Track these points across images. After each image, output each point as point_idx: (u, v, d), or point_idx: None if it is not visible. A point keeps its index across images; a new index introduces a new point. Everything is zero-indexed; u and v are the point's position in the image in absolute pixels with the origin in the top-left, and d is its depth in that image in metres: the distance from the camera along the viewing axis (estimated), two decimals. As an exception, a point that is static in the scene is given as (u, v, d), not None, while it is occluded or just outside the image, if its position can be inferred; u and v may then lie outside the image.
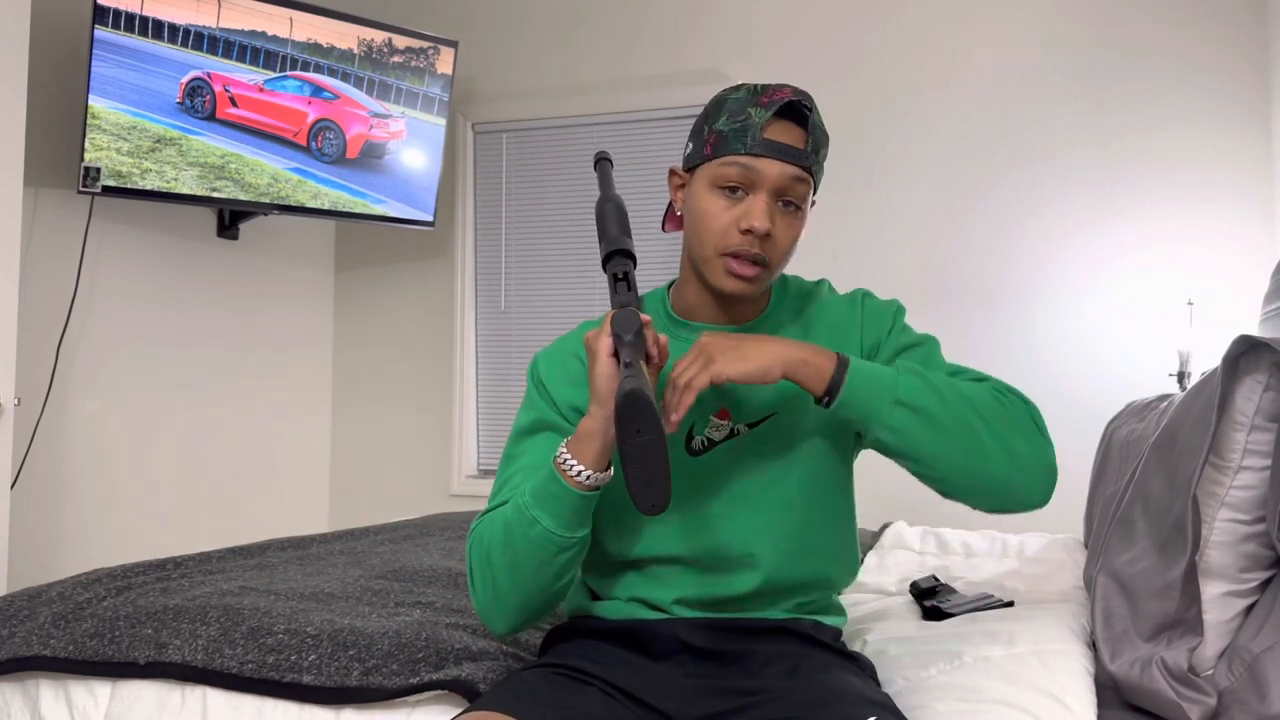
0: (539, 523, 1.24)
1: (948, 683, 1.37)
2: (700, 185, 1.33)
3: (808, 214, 1.35)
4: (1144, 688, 1.27)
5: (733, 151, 1.30)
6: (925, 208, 3.62)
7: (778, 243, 1.30)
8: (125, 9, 3.08)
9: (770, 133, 1.29)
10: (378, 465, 4.27)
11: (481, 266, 4.20)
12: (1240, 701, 1.22)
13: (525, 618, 1.33)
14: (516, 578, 1.28)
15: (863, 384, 1.22)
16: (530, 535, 1.25)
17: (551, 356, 1.44)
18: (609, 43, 4.02)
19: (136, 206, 3.41)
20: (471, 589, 1.34)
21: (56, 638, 1.60)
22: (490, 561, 1.30)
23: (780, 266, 1.33)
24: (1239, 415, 1.33)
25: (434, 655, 1.43)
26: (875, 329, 1.39)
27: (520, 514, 1.26)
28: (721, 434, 1.35)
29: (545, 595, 1.31)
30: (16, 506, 2.95)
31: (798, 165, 1.29)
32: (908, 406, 1.22)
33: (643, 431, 1.11)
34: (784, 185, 1.29)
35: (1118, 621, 1.42)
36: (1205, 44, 3.35)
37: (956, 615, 1.73)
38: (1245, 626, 1.32)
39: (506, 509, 1.30)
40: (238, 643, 1.51)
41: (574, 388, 1.40)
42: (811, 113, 1.31)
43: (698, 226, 1.33)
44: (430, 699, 1.40)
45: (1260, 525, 1.33)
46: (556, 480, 1.24)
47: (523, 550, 1.26)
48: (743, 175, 1.29)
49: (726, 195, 1.30)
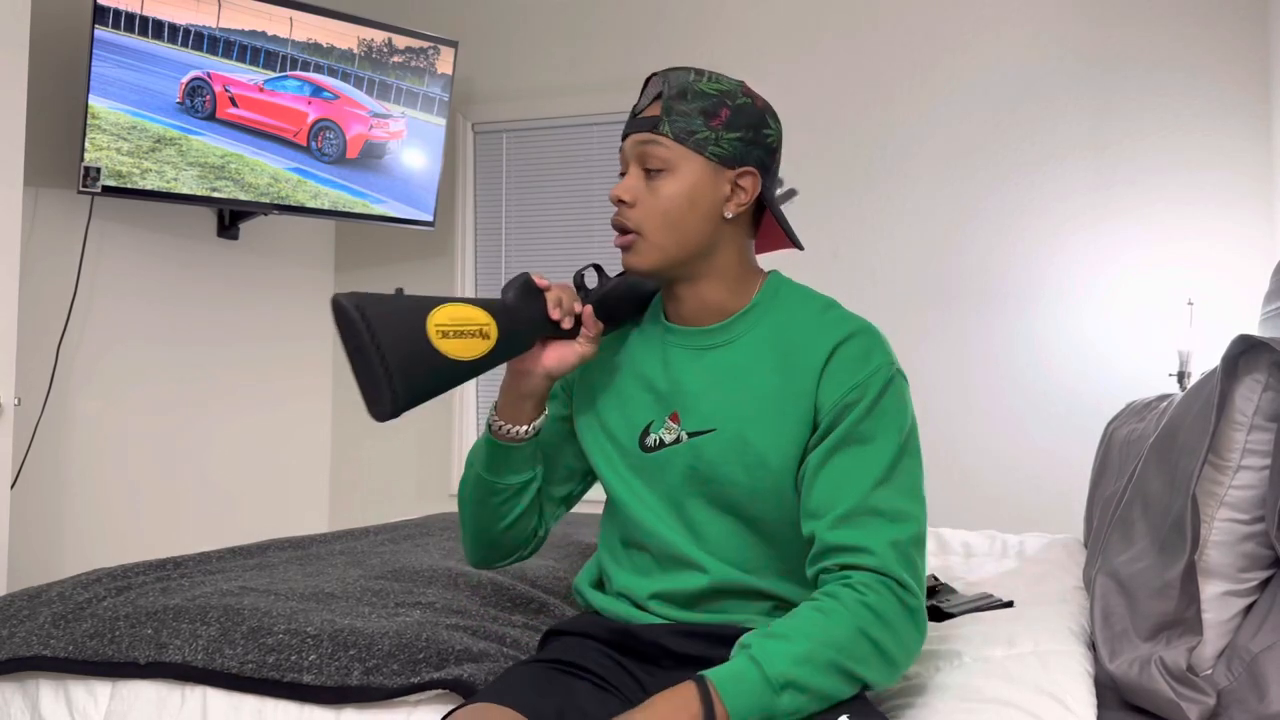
0: (472, 466, 1.42)
1: (947, 683, 1.37)
2: None
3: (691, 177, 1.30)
4: (1143, 687, 1.27)
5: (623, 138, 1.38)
6: (925, 208, 3.62)
7: (641, 209, 1.32)
8: (125, 9, 3.08)
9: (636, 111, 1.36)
10: (378, 465, 4.27)
11: (481, 266, 4.20)
12: (1239, 701, 1.22)
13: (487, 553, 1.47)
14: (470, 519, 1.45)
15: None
16: (469, 479, 1.43)
17: None
18: (609, 43, 4.02)
19: (136, 206, 3.42)
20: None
21: (56, 638, 1.60)
22: (461, 506, 1.47)
23: (660, 233, 1.31)
24: (1238, 415, 1.33)
25: (435, 656, 1.43)
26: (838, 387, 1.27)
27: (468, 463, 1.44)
28: (670, 437, 1.35)
29: (493, 533, 1.45)
30: (16, 506, 2.95)
31: (643, 131, 1.32)
32: (791, 709, 1.12)
33: (351, 340, 1.19)
34: (639, 154, 1.33)
35: (1117, 621, 1.41)
36: (1206, 45, 3.35)
37: (956, 615, 1.73)
38: (1244, 626, 1.32)
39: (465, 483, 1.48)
40: (238, 642, 1.51)
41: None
42: (665, 80, 1.33)
43: None
44: (431, 699, 1.40)
45: (1259, 525, 1.33)
46: (485, 433, 1.40)
47: (469, 494, 1.44)
48: (621, 158, 1.36)
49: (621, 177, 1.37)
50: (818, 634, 1.14)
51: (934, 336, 3.57)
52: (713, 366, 1.35)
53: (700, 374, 1.35)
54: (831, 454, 1.25)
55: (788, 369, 1.30)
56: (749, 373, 1.33)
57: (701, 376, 1.35)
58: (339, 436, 4.34)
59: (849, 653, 1.14)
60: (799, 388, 1.28)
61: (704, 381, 1.34)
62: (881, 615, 1.16)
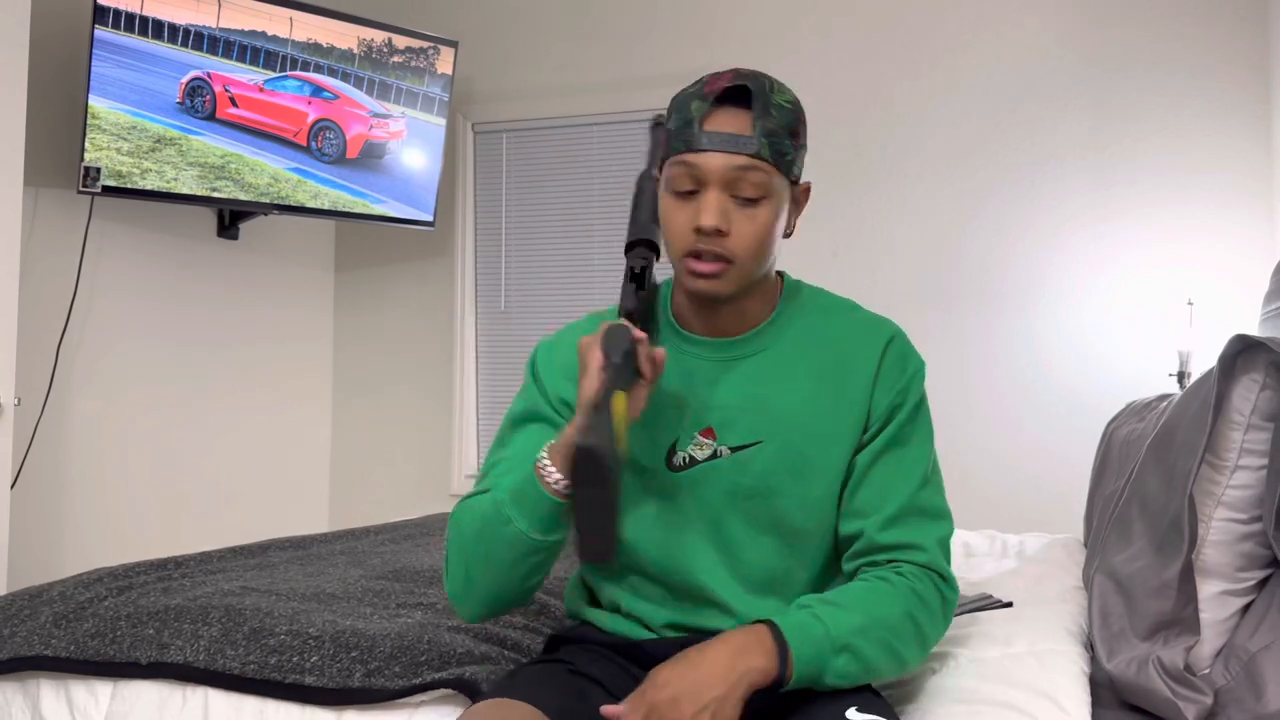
0: (513, 523, 1.23)
1: (942, 685, 1.37)
2: (662, 190, 1.28)
3: (781, 202, 1.25)
4: (1140, 687, 1.28)
5: (676, 151, 1.23)
6: (926, 209, 3.62)
7: (737, 238, 1.22)
8: (125, 9, 3.09)
9: (711, 123, 1.21)
10: (378, 465, 4.27)
11: (481, 266, 4.21)
12: (1237, 700, 1.22)
13: (493, 609, 1.32)
14: (488, 571, 1.27)
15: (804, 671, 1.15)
16: (504, 534, 1.24)
17: (551, 347, 1.40)
18: (609, 43, 4.02)
19: (136, 206, 3.42)
20: (445, 573, 1.33)
21: (58, 637, 1.60)
22: (464, 551, 1.29)
23: (752, 262, 1.24)
24: (1235, 414, 1.33)
25: (436, 658, 1.43)
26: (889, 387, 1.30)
27: (497, 511, 1.25)
28: (704, 453, 1.29)
29: (515, 591, 1.30)
30: (16, 506, 2.95)
31: (743, 154, 1.20)
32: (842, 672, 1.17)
33: (595, 486, 1.12)
34: (731, 178, 1.20)
35: (1114, 620, 1.42)
36: (1206, 44, 3.35)
37: (956, 616, 1.73)
38: (1242, 625, 1.32)
39: (485, 502, 1.28)
40: (239, 643, 1.51)
41: (568, 381, 1.35)
42: (756, 94, 1.22)
43: (665, 232, 1.27)
44: (433, 700, 1.40)
45: (1257, 524, 1.33)
46: (533, 483, 1.22)
47: (495, 547, 1.25)
48: (689, 174, 1.22)
49: (681, 199, 1.24)
50: (873, 610, 1.19)
51: (934, 336, 3.57)
52: (747, 377, 1.30)
53: (734, 386, 1.30)
54: (880, 455, 1.28)
55: (835, 375, 1.30)
56: (788, 380, 1.30)
57: (736, 388, 1.30)
58: (339, 436, 4.34)
59: (897, 632, 1.20)
60: (852, 394, 1.29)
61: (740, 393, 1.29)
62: (927, 603, 1.23)
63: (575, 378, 1.30)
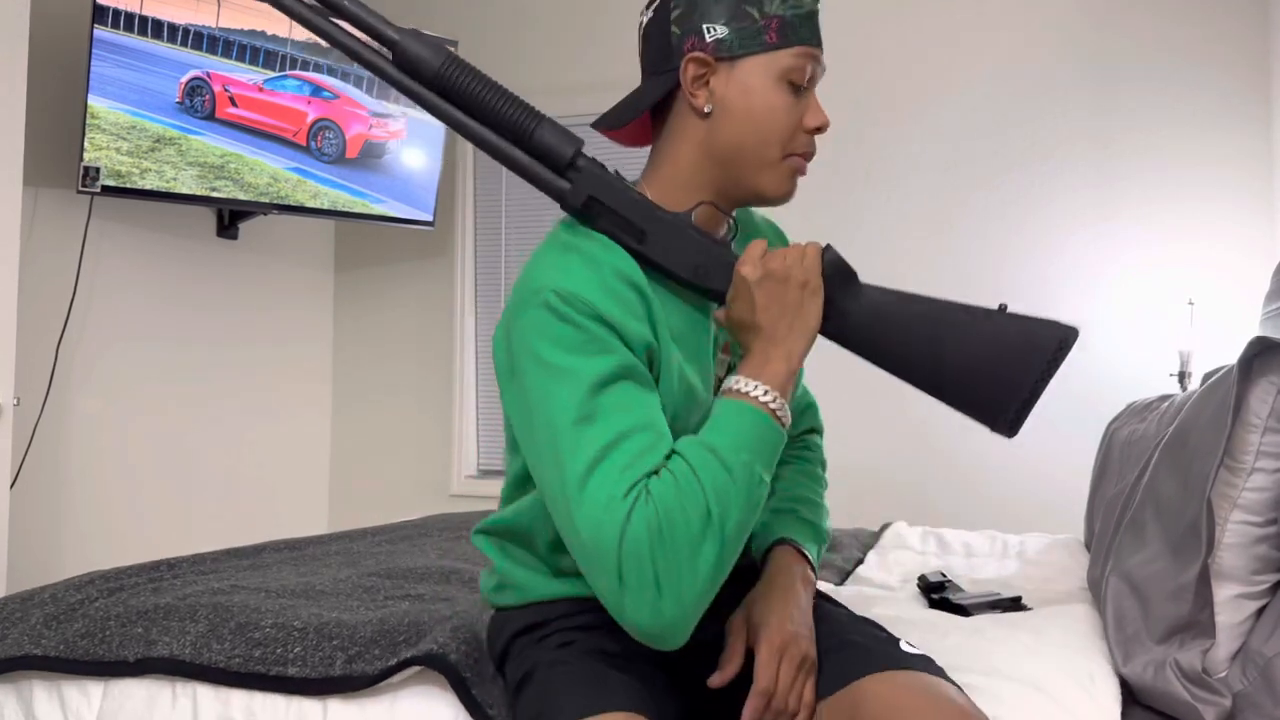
0: (764, 481, 1.07)
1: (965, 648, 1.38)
2: (760, 78, 1.19)
3: None
4: (1158, 690, 1.28)
5: (805, 41, 1.20)
6: (925, 206, 3.62)
7: None
8: (125, 9, 3.07)
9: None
10: (378, 465, 4.26)
11: (481, 266, 4.20)
12: (1254, 705, 1.22)
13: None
14: (735, 554, 1.06)
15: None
16: (757, 496, 1.06)
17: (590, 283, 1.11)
18: (609, 43, 4.01)
19: (136, 206, 3.40)
20: (659, 592, 1.01)
21: (48, 638, 1.61)
22: (711, 535, 1.02)
23: None
24: (1253, 417, 1.33)
25: (414, 637, 1.44)
26: None
27: (748, 474, 1.05)
28: (723, 370, 1.27)
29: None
30: (16, 506, 2.93)
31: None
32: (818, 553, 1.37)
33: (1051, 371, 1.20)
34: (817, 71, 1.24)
35: (1129, 624, 1.42)
36: (1206, 43, 3.35)
37: (966, 606, 1.72)
38: (1257, 629, 1.32)
39: (712, 474, 1.03)
40: (225, 638, 1.52)
41: (639, 322, 1.13)
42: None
43: (760, 125, 1.19)
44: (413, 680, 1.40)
45: (1272, 527, 1.33)
46: (775, 429, 1.09)
47: (751, 516, 1.06)
48: (811, 71, 1.21)
49: (792, 91, 1.20)
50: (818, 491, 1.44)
51: (934, 336, 3.57)
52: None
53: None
54: None
55: None
56: None
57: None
58: (339, 436, 4.33)
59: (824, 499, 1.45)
60: None
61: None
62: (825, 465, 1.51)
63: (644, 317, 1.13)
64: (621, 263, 1.14)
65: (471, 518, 2.83)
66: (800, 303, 1.12)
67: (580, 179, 1.14)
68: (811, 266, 1.13)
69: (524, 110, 1.16)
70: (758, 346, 1.12)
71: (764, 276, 1.12)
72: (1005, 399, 1.14)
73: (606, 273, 1.12)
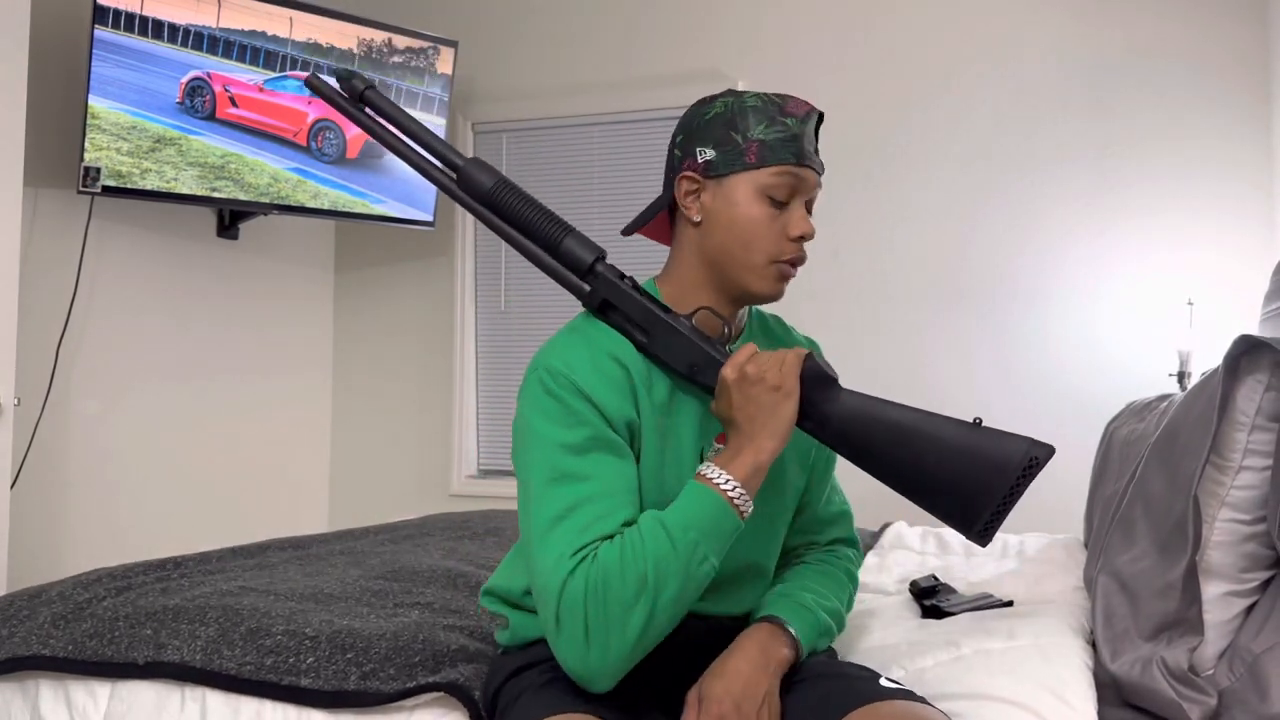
0: (709, 560, 1.19)
1: (951, 677, 1.37)
2: (742, 193, 1.31)
3: None
4: (1144, 687, 1.27)
5: (782, 161, 1.30)
6: (926, 209, 3.62)
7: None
8: (125, 9, 3.08)
9: (809, 142, 1.33)
10: (378, 465, 4.27)
11: (481, 266, 4.20)
12: (1241, 702, 1.22)
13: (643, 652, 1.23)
14: (669, 620, 1.19)
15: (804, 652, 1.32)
16: (699, 574, 1.18)
17: (581, 362, 1.28)
18: (609, 43, 4.02)
19: (136, 206, 3.41)
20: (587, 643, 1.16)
21: (56, 638, 1.60)
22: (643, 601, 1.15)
23: None
24: (1240, 415, 1.33)
25: (430, 659, 1.44)
26: None
27: (691, 551, 1.17)
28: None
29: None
30: (16, 506, 2.94)
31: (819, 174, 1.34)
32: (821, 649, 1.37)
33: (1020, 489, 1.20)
34: (814, 193, 1.34)
35: (1118, 621, 1.41)
36: (1206, 46, 3.35)
37: (956, 614, 1.72)
38: (1245, 626, 1.32)
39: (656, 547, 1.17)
40: (236, 643, 1.51)
41: (624, 399, 1.29)
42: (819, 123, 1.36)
43: (743, 236, 1.31)
44: (426, 702, 1.40)
45: (1261, 525, 1.33)
46: (730, 515, 1.20)
47: (689, 590, 1.18)
48: (791, 186, 1.31)
49: (773, 204, 1.31)
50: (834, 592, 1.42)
51: (934, 336, 3.57)
52: None
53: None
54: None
55: None
56: None
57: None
58: (339, 436, 4.33)
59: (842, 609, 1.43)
60: None
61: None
62: (854, 579, 1.50)
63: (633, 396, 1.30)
64: (616, 346, 1.32)
65: (472, 517, 2.83)
66: (773, 405, 1.24)
67: (597, 283, 1.33)
68: (788, 372, 1.25)
69: (555, 223, 1.34)
70: (733, 441, 1.25)
71: (740, 379, 1.24)
72: (978, 509, 1.20)
73: (599, 353, 1.30)
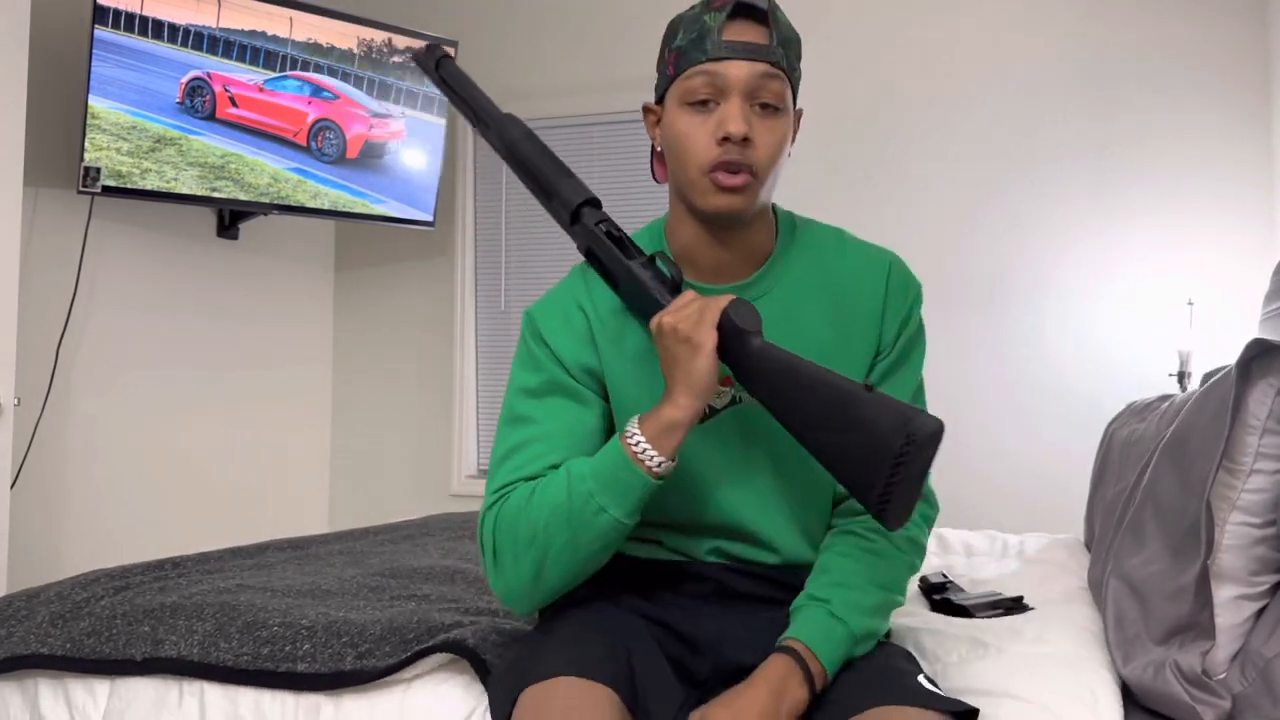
0: (606, 511, 1.18)
1: (980, 674, 1.37)
2: (672, 109, 1.26)
3: (792, 118, 1.28)
4: (1157, 691, 1.28)
5: (693, 62, 1.23)
6: (927, 209, 3.62)
7: (761, 148, 1.22)
8: (125, 9, 3.07)
9: (729, 34, 1.22)
10: (378, 465, 4.26)
11: (481, 266, 4.20)
12: (1254, 706, 1.22)
13: (558, 596, 1.27)
14: (569, 563, 1.21)
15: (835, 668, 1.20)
16: (596, 524, 1.18)
17: (550, 310, 1.33)
18: (608, 43, 4.01)
19: (136, 206, 3.40)
20: (495, 571, 1.24)
21: (54, 636, 1.61)
22: (536, 545, 1.20)
23: (769, 175, 1.25)
24: (1251, 418, 1.33)
25: (425, 634, 1.45)
26: (896, 316, 1.34)
27: (584, 502, 1.18)
28: (723, 401, 1.30)
29: (589, 572, 1.25)
30: (16, 506, 2.93)
31: (764, 61, 1.22)
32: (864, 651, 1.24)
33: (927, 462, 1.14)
34: (754, 85, 1.22)
35: (1129, 625, 1.42)
36: (1206, 46, 3.35)
37: (968, 607, 1.72)
38: (1256, 631, 1.32)
39: (554, 492, 1.20)
40: (233, 636, 1.52)
41: (582, 345, 1.31)
42: (770, 9, 1.25)
43: (677, 151, 1.25)
44: (426, 672, 1.40)
45: (1271, 529, 1.33)
46: (630, 469, 1.17)
47: (584, 537, 1.19)
48: (709, 84, 1.22)
49: (698, 110, 1.23)
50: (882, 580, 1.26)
51: (934, 336, 3.53)
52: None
53: None
54: (884, 378, 1.34)
55: (843, 310, 1.33)
56: (798, 321, 1.31)
57: None
58: (339, 436, 4.33)
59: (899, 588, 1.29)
60: (862, 326, 1.33)
61: None
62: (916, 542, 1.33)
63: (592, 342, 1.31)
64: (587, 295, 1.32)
65: (472, 517, 2.83)
66: (687, 359, 1.17)
67: (579, 232, 1.28)
68: (703, 324, 1.17)
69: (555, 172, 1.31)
70: (663, 395, 1.20)
71: (659, 331, 1.19)
72: (869, 482, 1.13)
73: (569, 302, 1.33)
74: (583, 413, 1.29)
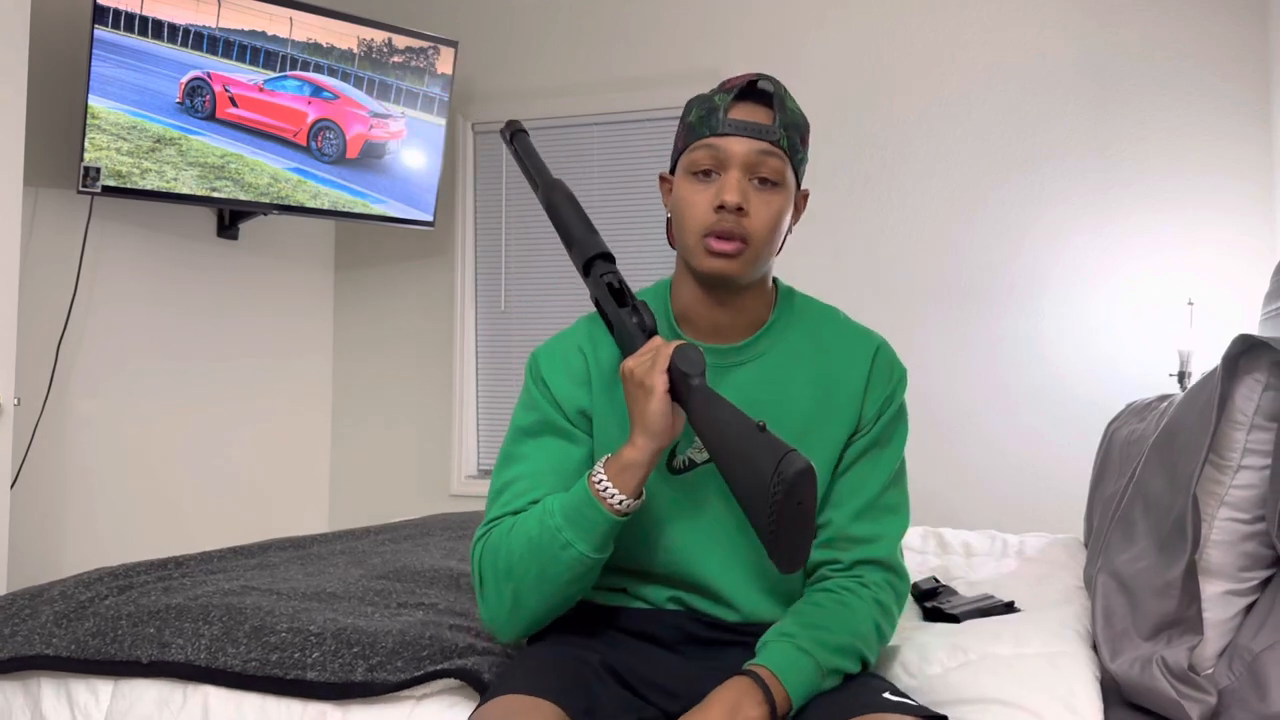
0: (573, 546, 1.25)
1: (960, 681, 1.37)
2: (679, 178, 1.35)
3: (792, 196, 1.35)
4: (1144, 686, 1.28)
5: (699, 136, 1.32)
6: (927, 209, 3.62)
7: (755, 219, 1.30)
8: (125, 9, 3.08)
9: (735, 113, 1.31)
10: (378, 465, 4.27)
11: (481, 266, 4.20)
12: (1241, 701, 1.22)
13: (537, 626, 1.35)
14: (541, 594, 1.29)
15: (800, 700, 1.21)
16: (562, 558, 1.26)
17: (553, 354, 1.42)
18: (608, 43, 4.02)
19: (136, 206, 3.41)
20: (481, 599, 1.34)
21: (59, 636, 1.60)
22: (513, 576, 1.29)
23: (764, 246, 1.32)
24: (1239, 414, 1.33)
25: (439, 652, 1.44)
26: (877, 396, 1.38)
27: (552, 536, 1.26)
28: (703, 456, 1.34)
29: (564, 606, 1.33)
30: (16, 506, 2.94)
31: (764, 140, 1.30)
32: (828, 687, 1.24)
33: (803, 503, 1.12)
34: (753, 161, 1.30)
35: (1118, 620, 1.41)
36: (1206, 45, 3.35)
37: (957, 614, 1.72)
38: (1245, 625, 1.32)
39: (529, 526, 1.29)
40: (240, 641, 1.51)
41: (578, 387, 1.39)
42: (775, 93, 1.33)
43: (680, 216, 1.34)
44: (435, 692, 1.40)
45: (1260, 524, 1.33)
46: (593, 505, 1.25)
47: (552, 570, 1.27)
48: (711, 156, 1.31)
49: (701, 180, 1.32)
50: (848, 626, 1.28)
51: (934, 336, 3.57)
52: (743, 383, 1.36)
53: (732, 391, 1.35)
54: (861, 454, 1.38)
55: (828, 383, 1.37)
56: (785, 388, 1.37)
57: (734, 393, 1.34)
58: (339, 436, 4.33)
59: (868, 644, 1.29)
60: (843, 401, 1.37)
61: (738, 398, 1.32)
62: (888, 610, 1.34)
63: (588, 385, 1.39)
64: (585, 342, 1.41)
65: (472, 517, 2.83)
66: (641, 401, 1.25)
67: (590, 282, 1.37)
68: (655, 368, 1.24)
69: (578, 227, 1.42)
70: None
71: (623, 377, 1.27)
72: (758, 519, 1.15)
73: (570, 346, 1.42)
74: (572, 450, 1.37)
